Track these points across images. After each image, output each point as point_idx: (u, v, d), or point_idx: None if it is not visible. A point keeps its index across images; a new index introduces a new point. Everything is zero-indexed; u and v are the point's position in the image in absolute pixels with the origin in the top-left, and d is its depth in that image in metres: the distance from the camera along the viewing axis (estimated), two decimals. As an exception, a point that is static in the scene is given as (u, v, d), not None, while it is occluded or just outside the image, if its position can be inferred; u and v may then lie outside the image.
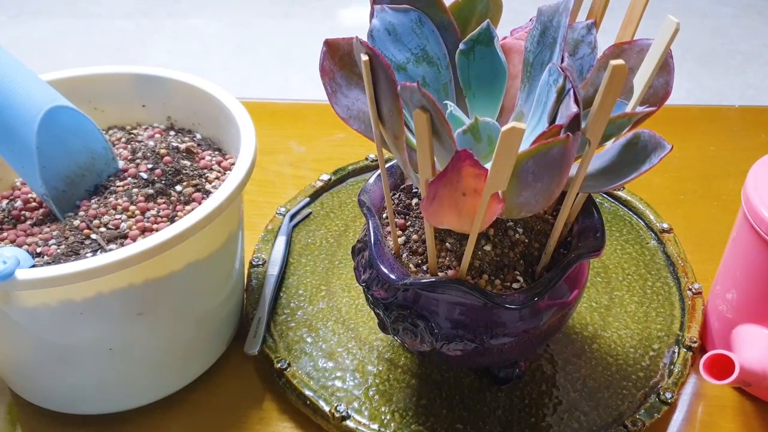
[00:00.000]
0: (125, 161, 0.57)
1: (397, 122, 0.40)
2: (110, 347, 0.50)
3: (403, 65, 0.47)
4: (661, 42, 0.40)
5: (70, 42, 2.24)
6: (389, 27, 0.46)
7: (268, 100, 0.94)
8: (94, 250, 0.50)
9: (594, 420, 0.54)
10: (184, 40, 2.27)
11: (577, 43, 0.46)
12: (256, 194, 0.77)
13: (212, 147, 0.61)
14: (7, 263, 0.43)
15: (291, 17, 2.39)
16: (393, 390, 0.56)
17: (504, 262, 0.48)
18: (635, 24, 0.45)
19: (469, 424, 0.54)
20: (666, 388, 0.56)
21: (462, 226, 0.42)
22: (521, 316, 0.47)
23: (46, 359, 0.51)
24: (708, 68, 2.07)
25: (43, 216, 0.54)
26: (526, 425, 0.54)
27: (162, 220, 0.52)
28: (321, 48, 0.45)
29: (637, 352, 0.59)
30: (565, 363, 0.58)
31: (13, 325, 0.49)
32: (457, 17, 0.47)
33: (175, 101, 0.62)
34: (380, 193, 0.51)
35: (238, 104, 0.58)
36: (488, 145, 0.45)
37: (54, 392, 0.54)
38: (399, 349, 0.59)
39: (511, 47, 0.48)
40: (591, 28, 0.45)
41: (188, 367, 0.57)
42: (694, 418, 0.56)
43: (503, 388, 0.57)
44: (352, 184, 0.76)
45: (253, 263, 0.66)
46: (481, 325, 0.47)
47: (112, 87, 0.62)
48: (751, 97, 1.97)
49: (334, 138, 0.85)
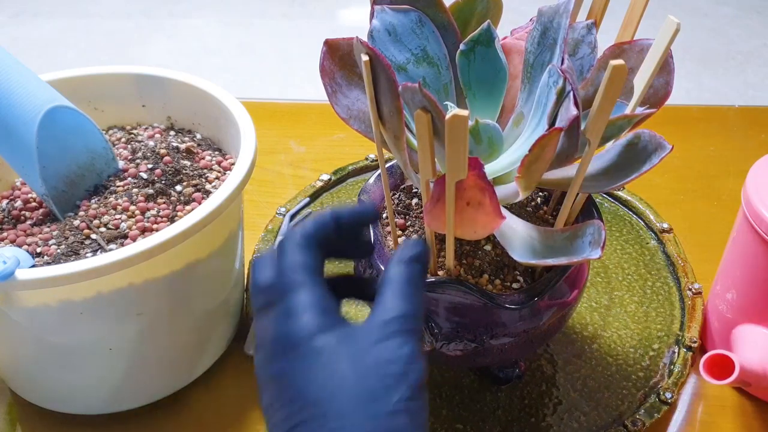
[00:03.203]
0: (125, 161, 0.57)
1: (397, 122, 0.40)
2: (110, 347, 0.50)
3: (404, 66, 0.47)
4: (661, 42, 0.40)
5: (70, 42, 2.24)
6: (389, 27, 0.46)
7: (268, 100, 0.94)
8: (94, 250, 0.50)
9: (594, 420, 0.54)
10: (184, 40, 2.27)
11: (577, 43, 0.46)
12: (256, 194, 0.77)
13: (212, 147, 0.61)
14: (7, 263, 0.43)
15: (291, 17, 2.39)
16: (393, 390, 0.56)
17: (504, 262, 0.48)
18: (635, 24, 0.45)
19: (469, 424, 0.54)
20: (666, 388, 0.56)
21: (464, 233, 0.42)
22: (521, 316, 0.47)
23: (46, 359, 0.51)
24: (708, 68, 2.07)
25: (43, 216, 0.54)
26: (526, 425, 0.54)
27: (162, 220, 0.52)
28: (321, 48, 0.45)
29: (637, 352, 0.59)
30: (565, 363, 0.58)
31: (13, 325, 0.49)
32: (457, 17, 0.47)
33: (175, 101, 0.62)
34: (380, 193, 0.51)
35: (238, 104, 0.58)
36: (489, 147, 0.45)
37: (54, 392, 0.54)
38: (399, 349, 0.59)
39: (511, 47, 0.48)
40: (591, 28, 0.45)
41: (188, 367, 0.57)
42: (694, 418, 0.56)
43: (503, 388, 0.56)
44: (352, 184, 0.76)
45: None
46: (481, 325, 0.47)
47: (112, 87, 0.62)
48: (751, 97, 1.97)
49: (334, 138, 0.85)
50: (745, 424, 0.56)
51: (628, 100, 0.43)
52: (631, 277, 0.66)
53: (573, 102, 0.38)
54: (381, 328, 0.33)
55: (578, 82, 0.45)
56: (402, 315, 0.33)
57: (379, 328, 0.33)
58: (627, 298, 0.64)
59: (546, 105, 0.41)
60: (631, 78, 0.43)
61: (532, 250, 0.44)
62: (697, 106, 0.91)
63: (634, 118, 0.42)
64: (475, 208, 0.39)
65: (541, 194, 0.53)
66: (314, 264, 0.35)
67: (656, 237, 0.69)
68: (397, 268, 0.35)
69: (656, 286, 0.65)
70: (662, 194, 0.76)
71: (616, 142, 0.45)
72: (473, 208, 0.39)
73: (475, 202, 0.39)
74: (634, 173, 0.43)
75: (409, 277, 0.35)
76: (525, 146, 0.43)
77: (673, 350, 0.59)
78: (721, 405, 0.57)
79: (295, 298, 0.33)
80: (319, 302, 0.33)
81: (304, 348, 0.32)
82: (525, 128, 0.45)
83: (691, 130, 0.86)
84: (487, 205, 0.39)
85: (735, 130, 0.87)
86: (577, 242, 0.43)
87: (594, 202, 0.49)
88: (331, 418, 0.31)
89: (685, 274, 0.65)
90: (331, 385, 0.31)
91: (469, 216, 0.40)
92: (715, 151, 0.83)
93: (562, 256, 0.43)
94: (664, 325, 0.61)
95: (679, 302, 0.63)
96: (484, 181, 0.38)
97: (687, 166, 0.80)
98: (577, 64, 0.46)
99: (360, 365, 0.31)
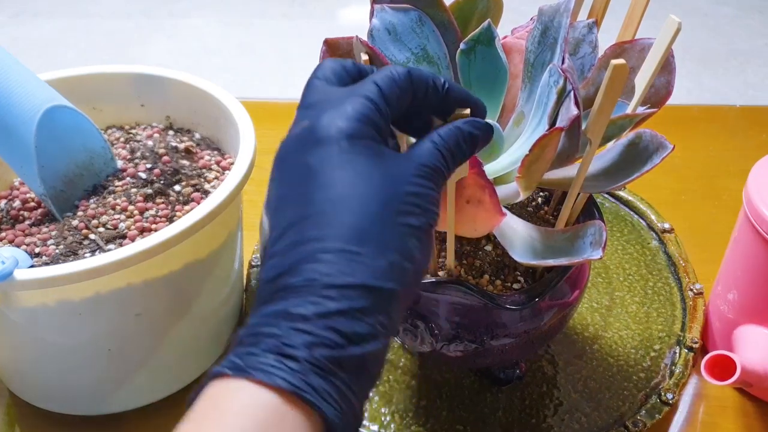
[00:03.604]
0: (124, 161, 0.57)
1: (397, 122, 0.40)
2: (109, 347, 0.50)
3: (404, 65, 0.47)
4: (662, 42, 0.39)
5: (70, 42, 2.24)
6: (389, 26, 0.46)
7: (268, 100, 0.94)
8: (92, 250, 0.50)
9: (595, 421, 0.54)
10: (184, 40, 2.27)
11: (578, 42, 0.45)
12: (255, 194, 0.76)
13: (211, 147, 0.61)
14: (6, 263, 0.43)
15: (291, 17, 2.39)
16: (393, 391, 0.56)
17: (505, 263, 0.47)
18: (636, 23, 0.45)
19: (469, 425, 0.54)
20: (667, 389, 0.55)
21: (464, 231, 0.42)
22: (522, 316, 0.46)
23: (44, 359, 0.51)
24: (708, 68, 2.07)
25: (41, 216, 0.54)
26: (526, 426, 0.54)
27: (161, 220, 0.52)
28: (321, 48, 0.45)
29: (638, 352, 0.59)
30: (566, 364, 0.58)
31: (11, 326, 0.48)
32: (457, 16, 0.47)
33: (174, 101, 0.62)
34: (380, 193, 0.51)
35: (237, 104, 0.58)
36: (489, 147, 0.44)
37: (53, 392, 0.54)
38: (399, 350, 0.59)
39: (512, 47, 0.48)
40: (592, 27, 0.45)
41: (187, 368, 0.56)
42: (696, 419, 0.56)
43: (504, 389, 0.56)
44: (352, 184, 0.76)
45: (253, 263, 0.66)
46: (482, 325, 0.46)
47: (111, 86, 0.62)
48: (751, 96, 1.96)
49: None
50: (747, 425, 0.56)
51: (629, 100, 0.43)
52: (632, 277, 0.66)
53: (574, 101, 0.38)
54: (419, 167, 0.32)
55: (579, 81, 0.45)
56: (439, 168, 0.33)
57: (417, 166, 0.32)
58: (628, 298, 0.64)
59: (547, 104, 0.41)
60: (632, 77, 0.43)
61: (532, 251, 0.44)
62: (698, 106, 0.91)
63: (635, 117, 0.42)
64: (475, 206, 0.39)
65: (541, 194, 0.53)
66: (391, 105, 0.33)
67: (657, 237, 0.69)
68: (464, 127, 0.34)
69: (657, 287, 0.65)
70: (663, 194, 0.75)
71: (617, 141, 0.45)
72: (473, 206, 0.39)
73: (474, 200, 0.39)
74: (635, 173, 0.43)
75: (465, 140, 0.34)
76: (525, 146, 0.43)
77: (675, 351, 0.59)
78: (723, 406, 0.57)
79: (353, 101, 0.32)
80: (373, 117, 0.32)
81: (343, 145, 0.31)
82: (525, 128, 0.45)
83: (692, 130, 0.86)
84: (486, 203, 0.39)
85: (736, 130, 0.86)
86: (578, 243, 0.43)
87: (595, 202, 0.49)
88: (341, 216, 0.30)
89: (687, 275, 0.65)
90: (357, 188, 0.31)
91: (469, 213, 0.40)
92: (716, 151, 0.83)
93: (562, 256, 0.43)
94: (666, 326, 0.61)
95: (680, 303, 0.63)
96: (484, 179, 0.38)
97: (688, 166, 0.80)
98: (578, 64, 0.45)
99: (389, 185, 0.31)
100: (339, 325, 0.29)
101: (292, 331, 0.28)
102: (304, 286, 0.29)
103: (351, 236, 0.30)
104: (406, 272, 0.31)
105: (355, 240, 0.30)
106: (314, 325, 0.28)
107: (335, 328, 0.29)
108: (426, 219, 0.32)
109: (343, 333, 0.29)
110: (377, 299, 0.29)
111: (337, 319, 0.29)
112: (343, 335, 0.29)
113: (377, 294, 0.30)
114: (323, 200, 0.31)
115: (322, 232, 0.30)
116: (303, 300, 0.29)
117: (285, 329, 0.29)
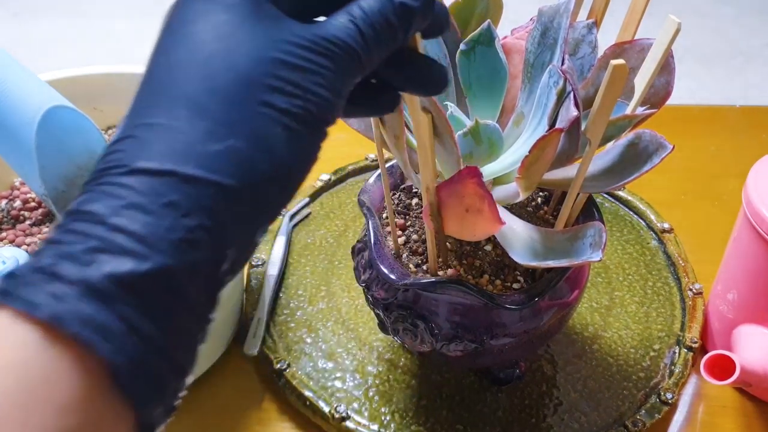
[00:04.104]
0: (125, 161, 0.57)
1: (397, 122, 0.40)
2: (110, 348, 0.50)
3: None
4: (662, 42, 0.40)
5: (70, 42, 2.24)
6: (389, 27, 0.46)
7: (268, 99, 0.93)
8: (93, 251, 0.50)
9: (594, 420, 0.54)
10: (184, 39, 2.27)
11: (578, 43, 0.45)
12: (256, 194, 0.77)
13: (212, 147, 0.61)
14: (7, 263, 0.43)
15: (291, 17, 2.39)
16: (393, 391, 0.56)
17: (505, 263, 0.47)
18: (636, 23, 0.45)
19: (469, 424, 0.54)
20: (667, 389, 0.56)
21: (463, 236, 0.42)
22: (522, 316, 0.47)
23: (45, 360, 0.51)
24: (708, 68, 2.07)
25: (42, 216, 0.54)
26: (526, 426, 0.54)
27: (161, 221, 0.52)
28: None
29: (637, 352, 0.59)
30: (565, 363, 0.58)
31: (12, 326, 0.48)
32: (457, 17, 0.47)
33: (174, 101, 0.62)
34: (380, 193, 0.51)
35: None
36: (489, 148, 0.45)
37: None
38: (399, 349, 0.59)
39: (511, 47, 0.48)
40: (592, 27, 0.45)
41: (188, 368, 0.56)
42: (695, 419, 0.56)
43: (504, 388, 0.56)
44: (352, 184, 0.76)
45: (253, 263, 0.66)
46: (482, 325, 0.46)
47: (112, 87, 0.62)
48: (751, 97, 1.96)
49: (333, 138, 0.85)
50: (746, 425, 0.56)
51: (629, 100, 0.43)
52: (631, 277, 0.66)
53: (573, 102, 0.38)
54: (314, 38, 0.25)
55: (579, 81, 0.45)
56: (350, 47, 0.25)
57: (311, 36, 0.25)
58: (628, 298, 0.64)
59: (546, 105, 0.41)
60: (632, 78, 0.43)
61: (532, 252, 0.44)
62: (698, 106, 0.91)
63: (635, 118, 0.42)
64: (475, 215, 0.40)
65: (541, 194, 0.53)
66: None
67: (657, 237, 0.69)
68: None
69: (657, 287, 0.65)
70: (663, 194, 0.75)
71: (616, 142, 0.45)
72: (473, 215, 0.40)
73: (474, 209, 0.39)
74: (634, 173, 0.43)
75: (396, 14, 0.26)
76: (525, 147, 0.43)
77: (674, 351, 0.59)
78: (722, 405, 0.57)
79: None
80: None
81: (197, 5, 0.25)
82: (525, 128, 0.45)
83: (692, 130, 0.86)
84: (486, 212, 0.39)
85: (736, 130, 0.86)
86: (577, 244, 0.43)
87: (594, 202, 0.49)
88: (178, 86, 0.24)
89: (686, 275, 0.65)
90: (203, 50, 0.24)
91: (468, 222, 0.40)
92: (716, 151, 0.83)
93: (562, 257, 0.43)
94: (665, 326, 0.61)
95: (679, 302, 0.63)
96: (483, 189, 0.38)
97: (688, 166, 0.80)
98: (578, 64, 0.45)
99: (255, 50, 0.24)
100: (133, 227, 0.21)
101: (73, 236, 0.21)
102: (105, 174, 0.23)
103: (180, 112, 0.23)
104: (255, 166, 0.24)
105: (184, 116, 0.23)
106: (103, 228, 0.21)
107: (127, 230, 0.21)
108: (303, 103, 0.24)
109: (139, 237, 0.21)
110: (195, 193, 0.22)
111: (133, 216, 0.21)
112: (138, 241, 0.21)
113: (193, 186, 0.22)
114: (161, 66, 0.25)
115: (150, 109, 0.24)
116: (98, 194, 0.22)
117: (65, 234, 0.22)
